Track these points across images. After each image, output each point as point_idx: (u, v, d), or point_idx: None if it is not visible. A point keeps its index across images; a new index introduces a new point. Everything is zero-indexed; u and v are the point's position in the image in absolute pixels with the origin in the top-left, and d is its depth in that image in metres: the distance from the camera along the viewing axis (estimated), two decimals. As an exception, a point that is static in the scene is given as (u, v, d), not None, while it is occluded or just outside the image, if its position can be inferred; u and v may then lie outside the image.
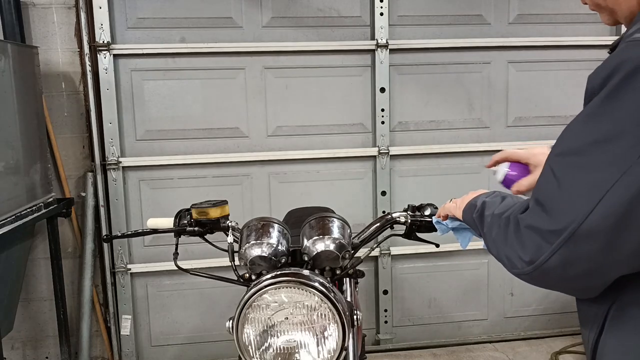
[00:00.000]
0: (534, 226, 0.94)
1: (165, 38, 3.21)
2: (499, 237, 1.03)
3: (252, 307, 1.31)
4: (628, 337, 0.98)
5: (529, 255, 0.94)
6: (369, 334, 3.50)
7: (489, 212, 1.13)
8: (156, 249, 3.31)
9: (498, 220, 1.06)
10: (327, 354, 1.31)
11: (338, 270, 1.45)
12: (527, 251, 0.95)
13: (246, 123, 3.34)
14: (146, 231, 1.65)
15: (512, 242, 0.98)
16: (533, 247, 0.94)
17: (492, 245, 1.08)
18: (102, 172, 3.23)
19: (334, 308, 1.29)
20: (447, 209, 1.37)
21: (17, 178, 2.75)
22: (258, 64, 3.30)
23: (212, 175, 3.34)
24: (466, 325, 3.67)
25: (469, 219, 1.25)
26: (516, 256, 0.97)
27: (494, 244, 1.06)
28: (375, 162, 3.44)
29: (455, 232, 1.39)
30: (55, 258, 3.07)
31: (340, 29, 3.34)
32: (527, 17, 3.46)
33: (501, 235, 1.03)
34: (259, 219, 1.50)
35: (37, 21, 3.15)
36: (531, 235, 0.95)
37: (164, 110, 3.26)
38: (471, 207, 1.24)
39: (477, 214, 1.19)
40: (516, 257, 0.97)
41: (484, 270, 3.62)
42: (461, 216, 1.30)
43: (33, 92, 2.95)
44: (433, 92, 3.45)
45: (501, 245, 1.02)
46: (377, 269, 3.54)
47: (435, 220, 1.41)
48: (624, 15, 1.16)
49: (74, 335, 3.30)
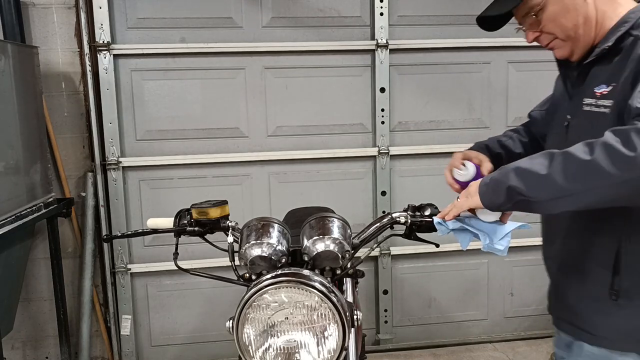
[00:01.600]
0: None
1: (165, 38, 3.21)
2: (591, 163, 1.11)
3: (252, 307, 1.31)
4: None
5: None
6: (369, 334, 3.50)
7: (550, 160, 1.17)
8: (156, 249, 3.31)
9: (582, 153, 1.13)
10: (327, 354, 1.31)
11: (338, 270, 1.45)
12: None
13: (246, 123, 3.34)
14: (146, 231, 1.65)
15: (618, 152, 1.08)
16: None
17: (574, 175, 1.13)
18: (102, 172, 3.23)
19: (334, 308, 1.29)
20: (460, 206, 1.34)
21: (17, 178, 2.75)
22: (258, 64, 3.30)
23: (212, 175, 3.34)
24: (466, 325, 3.67)
25: (500, 192, 1.23)
26: (623, 160, 1.08)
27: (581, 172, 1.12)
28: (375, 162, 3.44)
29: (455, 233, 1.39)
30: (55, 258, 3.07)
31: (340, 29, 3.34)
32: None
33: (599, 159, 1.10)
34: (259, 219, 1.50)
35: (37, 21, 3.15)
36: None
37: (164, 110, 3.26)
38: (503, 178, 1.23)
39: (527, 175, 1.19)
40: (623, 161, 1.08)
41: (484, 270, 3.62)
42: (480, 201, 1.28)
43: (33, 92, 2.95)
44: (433, 92, 3.45)
45: (599, 165, 1.10)
46: (377, 269, 3.53)
47: (437, 221, 1.40)
48: (586, 42, 1.35)
49: (74, 335, 3.30)
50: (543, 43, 1.42)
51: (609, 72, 1.31)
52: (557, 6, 1.34)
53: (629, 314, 1.32)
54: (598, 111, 1.31)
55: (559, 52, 1.41)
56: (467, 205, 1.33)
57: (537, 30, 1.39)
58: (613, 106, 1.26)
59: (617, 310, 1.33)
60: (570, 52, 1.40)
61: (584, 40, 1.36)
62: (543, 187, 1.17)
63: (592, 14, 1.34)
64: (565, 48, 1.39)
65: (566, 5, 1.34)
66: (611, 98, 1.28)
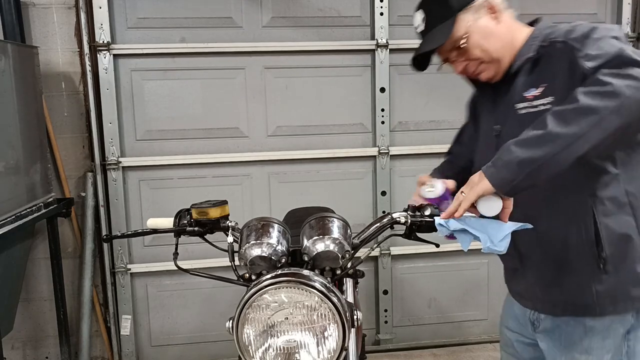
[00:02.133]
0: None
1: (165, 38, 3.21)
2: (581, 107, 1.26)
3: (252, 307, 1.31)
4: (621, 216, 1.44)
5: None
6: (369, 334, 3.50)
7: (542, 122, 1.29)
8: (156, 249, 3.31)
9: (568, 105, 1.28)
10: (327, 354, 1.31)
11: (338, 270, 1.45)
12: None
13: (246, 123, 3.34)
14: (146, 231, 1.65)
15: (598, 91, 1.26)
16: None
17: (585, 110, 1.26)
18: (102, 172, 3.23)
19: (334, 308, 1.29)
20: (468, 198, 1.33)
21: (17, 178, 2.75)
22: (258, 64, 3.30)
23: (212, 175, 3.34)
24: (466, 325, 3.67)
25: (510, 167, 1.28)
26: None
27: (576, 116, 1.26)
28: (375, 162, 3.45)
29: (456, 234, 1.39)
30: (55, 258, 3.08)
31: (340, 29, 3.34)
32: (528, 17, 3.43)
33: (586, 102, 1.26)
34: (259, 219, 1.50)
35: (37, 21, 3.15)
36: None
37: (164, 110, 3.26)
38: (507, 155, 1.29)
39: (537, 139, 1.27)
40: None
41: (484, 270, 3.62)
42: (489, 185, 1.30)
43: (33, 92, 2.95)
44: (433, 92, 3.45)
45: (590, 105, 1.25)
46: (377, 269, 3.54)
47: (438, 222, 1.40)
48: (507, 61, 1.54)
49: (74, 335, 3.30)
50: (470, 70, 1.58)
51: (533, 78, 1.49)
52: (479, 34, 1.52)
53: (616, 279, 1.45)
54: (538, 110, 1.44)
55: (485, 75, 1.57)
56: (475, 193, 1.32)
57: (465, 59, 1.56)
58: (555, 100, 1.41)
59: (607, 277, 1.45)
60: (495, 73, 1.56)
61: (505, 59, 1.54)
62: (549, 143, 1.26)
63: (507, 36, 1.56)
64: (491, 70, 1.56)
65: (486, 31, 1.53)
66: (549, 95, 1.43)
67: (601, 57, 1.33)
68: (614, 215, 1.44)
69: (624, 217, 1.44)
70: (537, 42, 1.51)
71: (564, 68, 1.41)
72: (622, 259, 1.44)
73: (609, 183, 1.44)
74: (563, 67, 1.41)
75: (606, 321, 1.47)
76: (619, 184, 1.44)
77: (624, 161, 1.44)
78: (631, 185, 1.45)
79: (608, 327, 1.48)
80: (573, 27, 1.45)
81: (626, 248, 1.44)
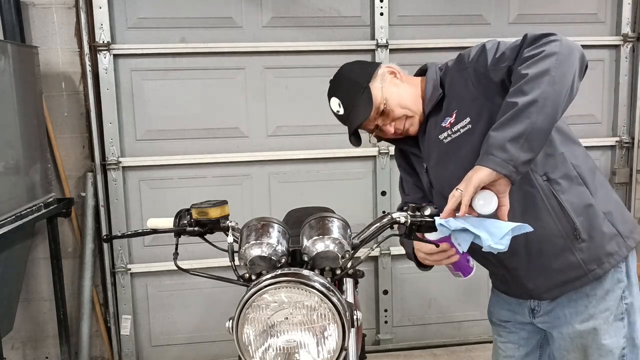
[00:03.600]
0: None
1: (165, 38, 3.21)
2: (545, 69, 1.37)
3: (252, 307, 1.30)
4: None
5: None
6: (369, 334, 3.50)
7: (514, 95, 1.38)
8: (156, 249, 3.31)
9: (528, 71, 1.38)
10: (327, 354, 1.31)
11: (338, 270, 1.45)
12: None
13: (246, 123, 3.34)
14: (146, 231, 1.64)
15: (541, 52, 1.40)
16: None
17: (562, 74, 1.37)
18: (102, 172, 3.23)
19: (334, 308, 1.29)
20: (468, 192, 1.32)
21: (17, 178, 2.75)
22: (258, 64, 3.30)
23: (212, 175, 3.34)
24: (466, 325, 3.67)
25: (506, 148, 1.32)
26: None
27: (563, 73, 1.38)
28: (375, 162, 3.45)
29: (457, 234, 1.38)
30: (55, 258, 3.08)
31: (340, 29, 3.34)
32: (527, 17, 3.46)
33: (544, 64, 1.38)
34: (259, 219, 1.49)
35: (37, 21, 3.15)
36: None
37: (164, 110, 3.26)
38: (497, 139, 1.35)
39: (527, 108, 1.35)
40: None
41: (484, 270, 3.61)
42: (489, 173, 1.32)
43: (33, 92, 2.95)
44: (433, 92, 3.44)
45: (547, 62, 1.38)
46: (377, 269, 3.54)
47: (439, 222, 1.40)
48: (422, 112, 1.67)
49: (74, 335, 3.30)
50: (400, 129, 1.67)
51: (442, 112, 1.61)
52: (394, 94, 1.65)
53: (592, 243, 1.58)
54: (460, 134, 1.56)
55: (413, 129, 1.68)
56: (473, 185, 1.32)
57: (391, 120, 1.66)
58: (472, 120, 1.54)
59: (585, 245, 1.57)
60: (419, 125, 1.68)
61: (421, 109, 1.67)
62: (525, 113, 1.34)
63: (414, 90, 1.68)
64: (416, 123, 1.67)
65: (398, 90, 1.66)
66: (464, 118, 1.55)
67: (513, 49, 1.47)
68: (570, 189, 1.56)
69: (579, 188, 1.57)
70: (433, 81, 1.64)
71: (464, 86, 1.55)
72: (591, 225, 1.57)
73: (557, 164, 1.56)
74: (463, 86, 1.56)
75: (606, 284, 1.60)
76: (565, 161, 1.57)
77: (562, 140, 1.58)
78: (574, 158, 1.58)
79: (607, 290, 1.60)
80: (459, 55, 1.63)
81: (590, 214, 1.57)
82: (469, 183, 1.33)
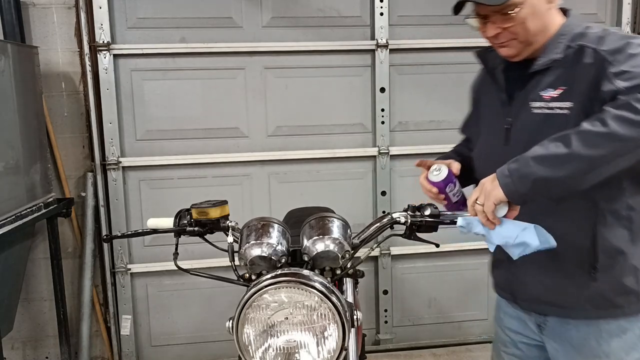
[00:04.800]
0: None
1: (165, 38, 3.21)
2: (609, 133, 1.25)
3: (252, 307, 1.31)
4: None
5: None
6: (369, 334, 3.50)
7: (565, 140, 1.28)
8: (156, 249, 3.31)
9: (595, 127, 1.26)
10: (327, 354, 1.31)
11: (338, 270, 1.45)
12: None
13: (246, 123, 3.34)
14: (146, 231, 1.65)
15: (629, 119, 1.24)
16: None
17: (611, 134, 1.25)
18: (102, 172, 3.23)
19: (334, 308, 1.29)
20: (489, 209, 1.34)
21: (17, 178, 2.75)
22: (258, 64, 3.30)
23: (212, 175, 3.33)
24: (466, 325, 3.67)
25: (525, 183, 1.29)
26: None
27: (602, 141, 1.26)
28: (375, 162, 3.45)
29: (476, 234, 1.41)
30: (55, 258, 3.07)
31: (340, 29, 3.34)
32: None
33: (615, 128, 1.25)
34: (259, 219, 1.50)
35: (37, 21, 3.14)
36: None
37: (164, 110, 3.26)
38: (525, 169, 1.29)
39: (553, 159, 1.27)
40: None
41: (484, 270, 3.61)
42: (502, 194, 1.31)
43: (33, 92, 2.95)
44: (433, 92, 3.45)
45: (618, 133, 1.25)
46: (377, 269, 3.53)
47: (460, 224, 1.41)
48: (536, 48, 1.49)
49: (74, 335, 3.30)
50: (500, 40, 1.50)
51: (552, 78, 1.45)
52: (530, 10, 1.45)
53: (602, 287, 1.47)
54: (553, 113, 1.43)
55: (507, 52, 1.51)
56: (491, 204, 1.33)
57: (503, 27, 1.47)
58: (574, 107, 1.39)
59: (595, 284, 1.47)
60: (517, 53, 1.51)
61: (535, 45, 1.49)
62: (570, 164, 1.26)
63: (546, 23, 1.48)
64: (516, 49, 1.50)
65: (536, 11, 1.46)
66: (567, 100, 1.41)
67: (636, 78, 1.30)
68: (612, 227, 1.45)
69: (620, 230, 1.46)
70: (565, 41, 1.46)
71: (589, 77, 1.38)
72: (611, 270, 1.46)
73: (614, 196, 1.45)
74: (588, 76, 1.39)
75: (622, 322, 1.49)
76: (623, 197, 1.45)
77: (631, 177, 1.44)
78: (633, 198, 1.46)
79: (625, 329, 1.49)
80: (604, 35, 1.42)
81: (617, 259, 1.46)
82: (488, 200, 1.34)
